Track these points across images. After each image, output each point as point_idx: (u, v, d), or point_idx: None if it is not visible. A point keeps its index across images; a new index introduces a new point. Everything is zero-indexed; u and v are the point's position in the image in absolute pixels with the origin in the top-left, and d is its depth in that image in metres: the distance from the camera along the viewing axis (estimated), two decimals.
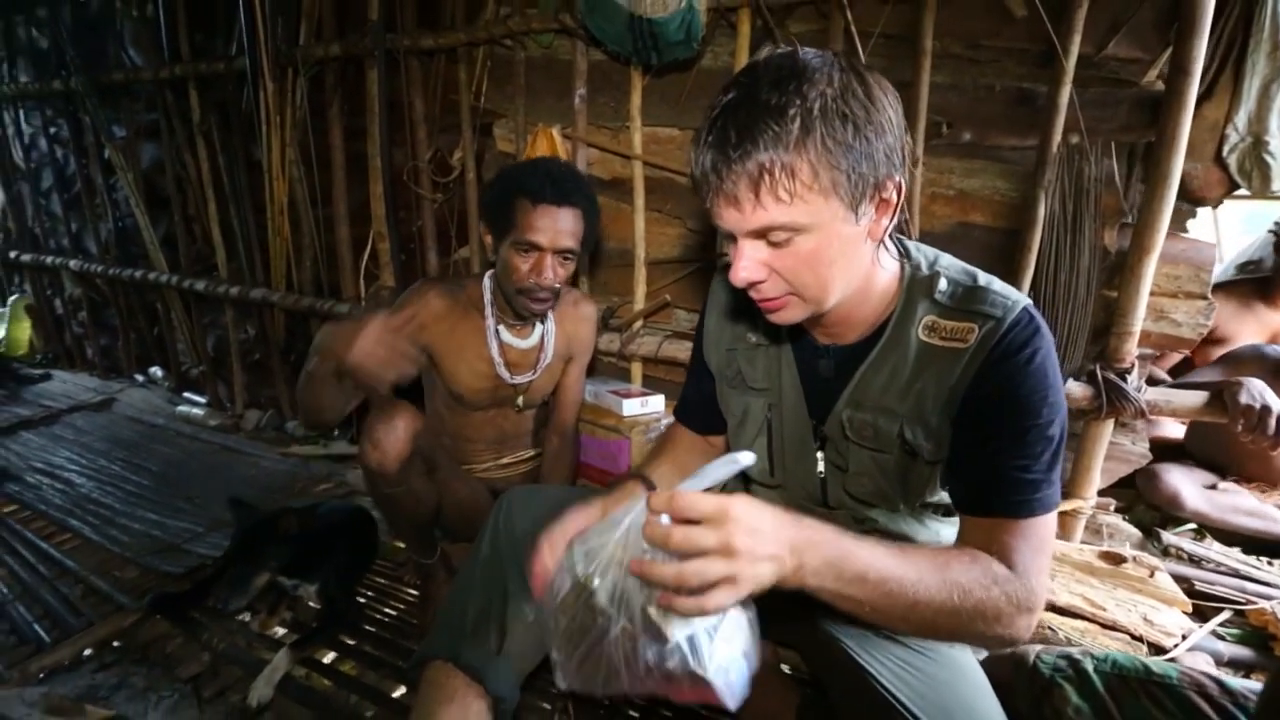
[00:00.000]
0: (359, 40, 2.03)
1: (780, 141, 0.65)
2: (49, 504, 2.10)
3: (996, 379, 0.76)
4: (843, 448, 0.90)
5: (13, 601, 1.63)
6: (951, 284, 0.80)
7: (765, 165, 0.65)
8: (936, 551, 0.73)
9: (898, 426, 0.84)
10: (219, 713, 1.29)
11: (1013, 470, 0.74)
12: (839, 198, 0.68)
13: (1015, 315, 0.76)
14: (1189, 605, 1.32)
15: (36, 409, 2.92)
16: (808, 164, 0.66)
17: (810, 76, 0.66)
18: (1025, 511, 0.74)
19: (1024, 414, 0.74)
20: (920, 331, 0.81)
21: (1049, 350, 0.76)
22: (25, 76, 3.10)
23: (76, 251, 3.29)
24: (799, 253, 0.71)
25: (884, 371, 0.84)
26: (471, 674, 0.93)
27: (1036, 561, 0.73)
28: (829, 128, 0.65)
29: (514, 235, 1.28)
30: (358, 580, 1.63)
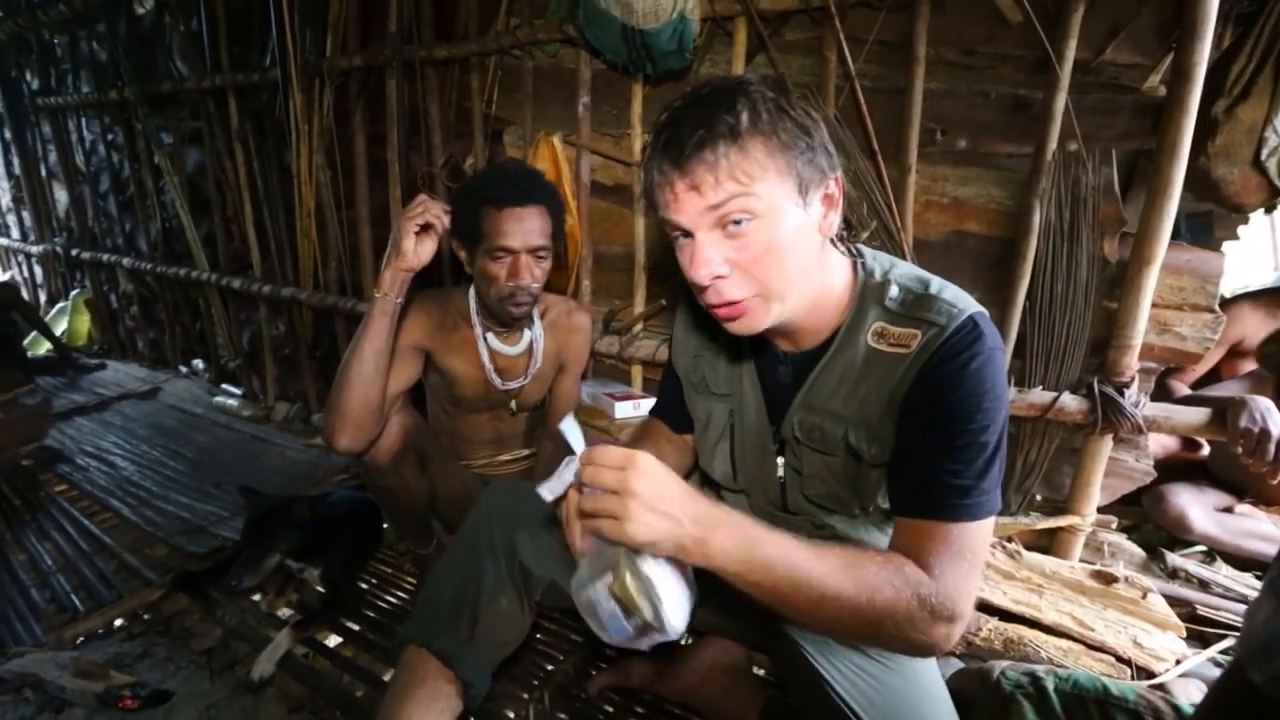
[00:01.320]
0: (380, 51, 2.12)
1: (734, 128, 0.70)
2: (94, 485, 2.26)
3: (932, 383, 0.77)
4: (797, 450, 0.92)
5: (55, 573, 1.77)
6: (902, 291, 0.82)
7: (722, 151, 0.70)
8: (852, 551, 0.73)
9: (842, 430, 0.86)
10: (227, 684, 1.38)
11: (941, 474, 0.75)
12: (791, 181, 0.73)
13: (959, 323, 0.77)
14: (1182, 629, 1.28)
15: (91, 396, 3.14)
16: (760, 146, 0.71)
17: (748, 87, 0.74)
18: (950, 515, 0.74)
19: (956, 418, 0.75)
20: (869, 337, 0.82)
21: (990, 357, 0.76)
22: (87, 87, 3.33)
23: (129, 250, 3.52)
24: (756, 242, 0.74)
25: (834, 376, 0.86)
26: (443, 659, 0.98)
27: (955, 567, 0.72)
28: (775, 119, 0.72)
29: (485, 244, 1.30)
30: (360, 567, 1.72)
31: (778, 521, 1.00)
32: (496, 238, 1.29)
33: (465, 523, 1.09)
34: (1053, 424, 1.46)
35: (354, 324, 2.55)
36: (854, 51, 1.46)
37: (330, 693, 1.32)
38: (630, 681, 1.26)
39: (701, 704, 1.21)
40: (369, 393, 1.24)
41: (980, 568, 0.76)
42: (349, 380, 1.23)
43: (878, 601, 0.69)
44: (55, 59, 3.50)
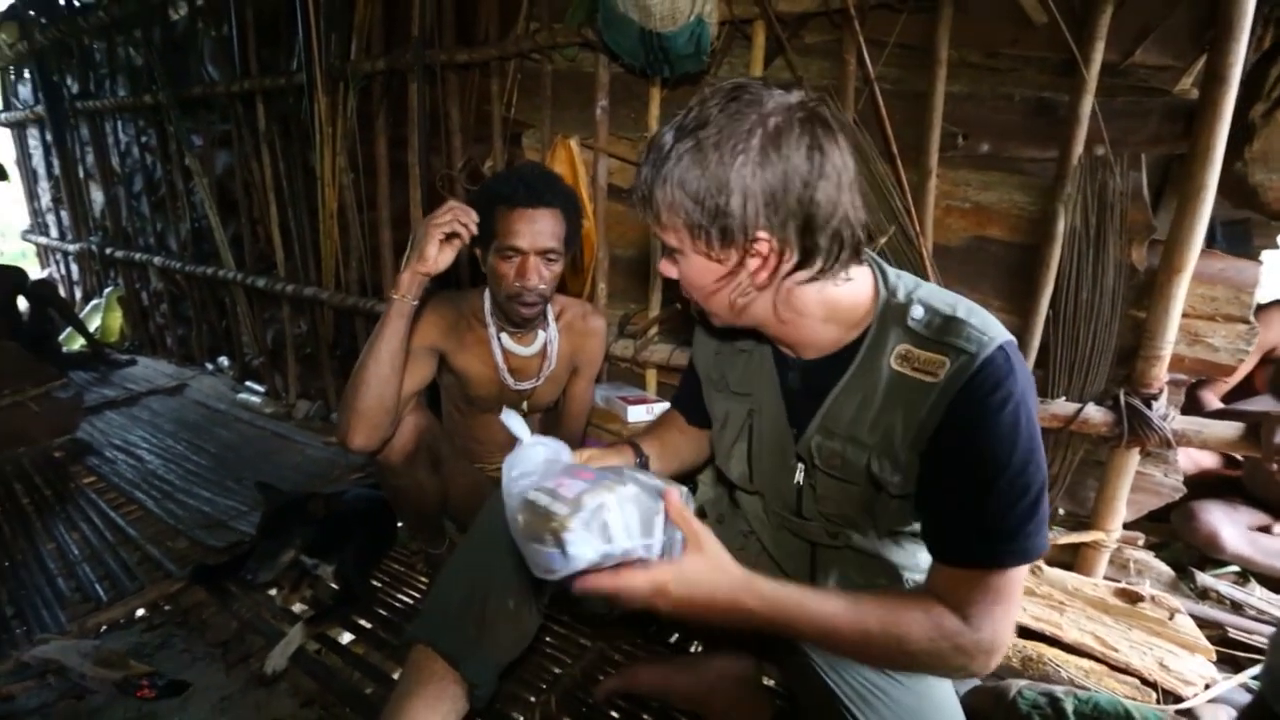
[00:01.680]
0: (402, 55, 2.15)
1: (648, 174, 0.75)
2: (121, 477, 2.32)
3: (965, 421, 0.73)
4: (812, 473, 0.90)
5: (81, 562, 1.82)
6: (928, 312, 0.78)
7: (644, 195, 0.77)
8: (889, 603, 0.74)
9: (865, 458, 0.83)
10: (242, 677, 1.40)
11: (980, 521, 0.72)
12: (690, 237, 0.75)
13: (989, 353, 0.73)
14: (1212, 652, 1.23)
15: (121, 391, 3.22)
16: (663, 204, 0.75)
17: (710, 133, 0.70)
18: (991, 564, 0.72)
19: (992, 463, 0.71)
20: (893, 360, 0.79)
21: (1024, 394, 0.72)
22: (123, 91, 3.43)
23: (160, 249, 3.61)
24: (681, 270, 0.81)
25: (854, 400, 0.83)
26: (450, 659, 0.98)
27: (994, 612, 0.72)
28: (682, 178, 0.72)
29: (496, 242, 1.31)
30: (373, 565, 1.73)
31: (792, 526, 0.99)
32: (506, 237, 1.29)
33: (475, 523, 1.09)
34: (1076, 436, 1.42)
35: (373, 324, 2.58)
36: (874, 54, 1.44)
37: (340, 689, 1.33)
38: (638, 688, 1.25)
39: (709, 712, 1.19)
40: (384, 393, 1.26)
41: (1019, 602, 0.77)
42: (364, 380, 1.24)
43: (917, 654, 0.72)
44: (94, 64, 3.62)
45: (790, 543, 1.02)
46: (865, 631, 0.72)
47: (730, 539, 1.13)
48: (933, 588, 0.77)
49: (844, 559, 0.96)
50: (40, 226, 4.67)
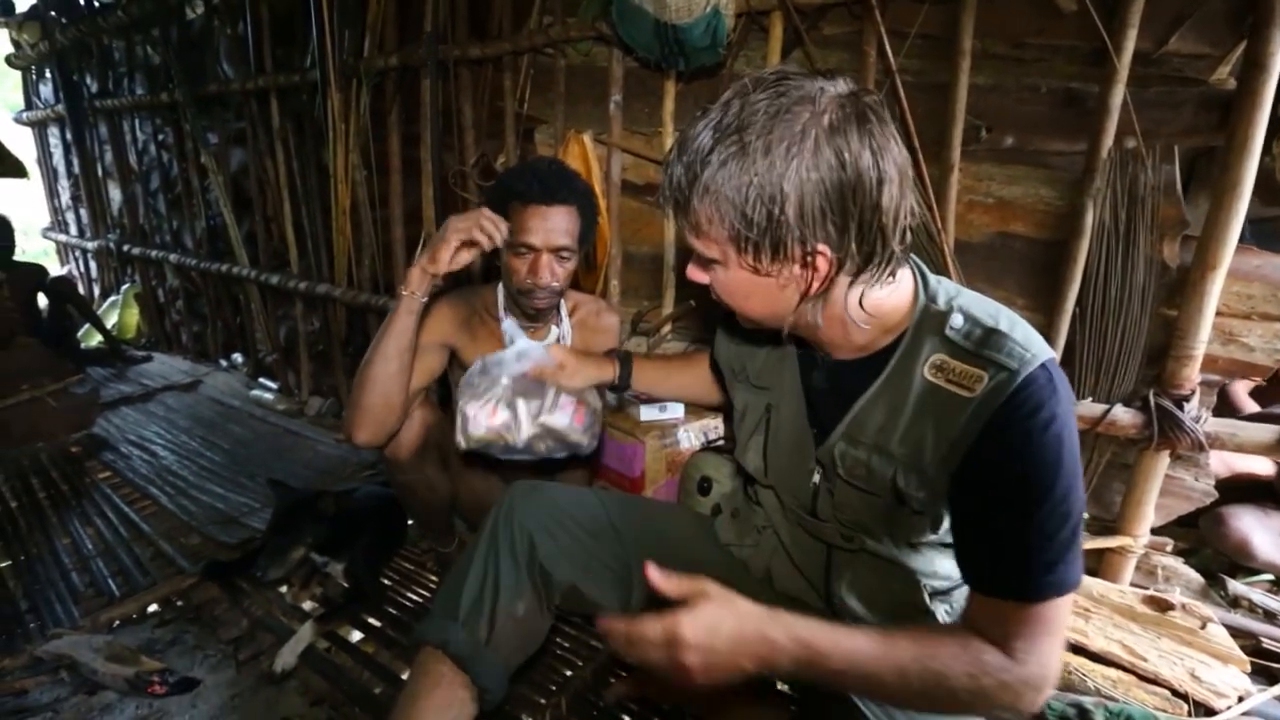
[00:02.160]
0: (415, 51, 2.14)
1: (686, 181, 0.69)
2: (136, 473, 2.34)
3: (1004, 443, 0.69)
4: (831, 477, 0.87)
5: (95, 557, 1.83)
6: (968, 322, 0.74)
7: (676, 200, 0.71)
8: (925, 639, 0.70)
9: (892, 471, 0.79)
10: (252, 674, 1.40)
11: (1021, 551, 0.68)
12: (733, 249, 0.70)
13: (1032, 371, 0.68)
14: (1247, 664, 1.18)
15: (137, 387, 3.26)
16: (702, 213, 0.69)
17: (745, 126, 0.64)
18: (1035, 596, 0.67)
19: (1034, 489, 0.67)
20: (927, 370, 0.75)
21: (1066, 415, 0.69)
22: (141, 90, 3.46)
23: (176, 246, 3.64)
24: (718, 278, 0.76)
25: (883, 408, 0.79)
26: (459, 663, 0.96)
27: (1039, 645, 0.68)
28: (725, 183, 0.66)
29: (512, 240, 1.28)
30: (383, 563, 1.72)
31: (807, 525, 0.97)
32: (520, 233, 1.27)
33: (485, 521, 1.07)
34: (1103, 438, 1.37)
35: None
36: (895, 45, 1.40)
37: (350, 688, 1.32)
38: (648, 692, 1.22)
39: (722, 717, 1.17)
40: (390, 389, 1.24)
41: (1063, 635, 0.72)
42: (371, 377, 1.23)
43: (958, 692, 0.67)
44: (113, 63, 3.65)
45: (806, 541, 1.00)
46: (901, 669, 0.67)
47: (744, 534, 1.10)
48: (972, 620, 0.72)
49: (859, 562, 0.94)
50: (60, 224, 4.73)
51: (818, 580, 1.00)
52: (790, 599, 1.05)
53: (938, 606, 0.91)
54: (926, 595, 0.90)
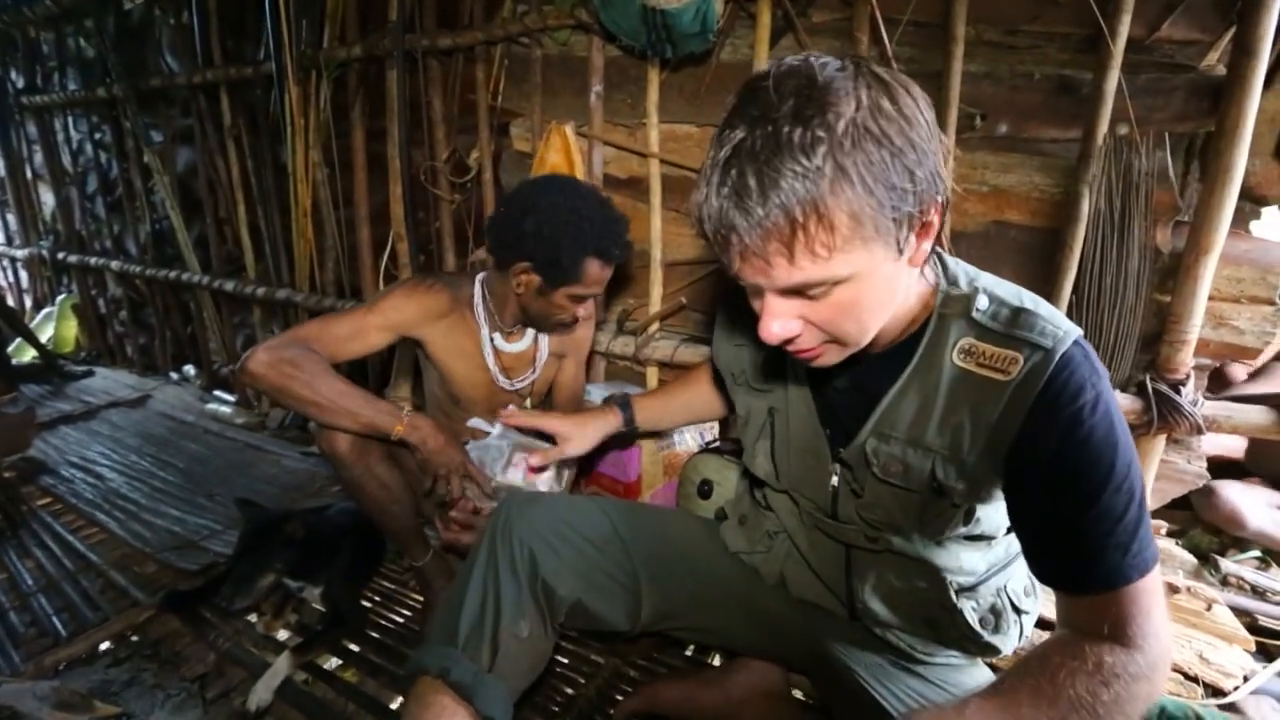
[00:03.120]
0: (379, 41, 2.03)
1: (812, 188, 0.55)
2: (80, 497, 2.15)
3: (1055, 430, 0.66)
4: (862, 476, 0.82)
5: (36, 593, 1.66)
6: (993, 303, 0.71)
7: (798, 220, 0.56)
8: (1037, 673, 0.64)
9: (930, 464, 0.76)
10: (222, 713, 1.28)
11: (1097, 538, 0.65)
12: (881, 240, 0.59)
13: (1067, 349, 0.66)
14: (1251, 643, 1.20)
15: (77, 404, 3.02)
16: (846, 211, 0.56)
17: (834, 99, 0.56)
18: (1123, 580, 0.64)
19: (1095, 473, 0.64)
20: (955, 355, 0.71)
21: (1108, 391, 0.67)
22: (74, 85, 3.23)
23: (118, 252, 3.41)
24: (838, 303, 0.63)
25: (914, 399, 0.75)
26: (461, 692, 0.88)
27: (1150, 624, 0.64)
28: (866, 162, 0.55)
29: (576, 288, 1.28)
30: (363, 584, 1.62)
31: (825, 528, 0.92)
32: (591, 286, 1.29)
33: (482, 537, 1.00)
34: None
35: None
36: (887, 32, 1.38)
37: None
38: (661, 706, 1.17)
39: None
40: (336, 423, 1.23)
41: (1166, 616, 0.67)
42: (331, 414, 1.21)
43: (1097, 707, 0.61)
44: (41, 56, 3.40)
45: (824, 544, 0.96)
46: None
47: (755, 541, 1.06)
48: (1075, 624, 0.68)
49: (882, 562, 0.91)
50: None
51: (837, 584, 0.96)
52: (807, 605, 1.01)
53: (964, 603, 0.89)
54: (953, 593, 0.87)
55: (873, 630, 0.95)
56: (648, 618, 1.06)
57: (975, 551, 0.88)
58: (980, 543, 0.87)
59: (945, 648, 0.93)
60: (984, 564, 0.90)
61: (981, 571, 0.90)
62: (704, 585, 1.08)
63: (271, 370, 1.17)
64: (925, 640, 0.93)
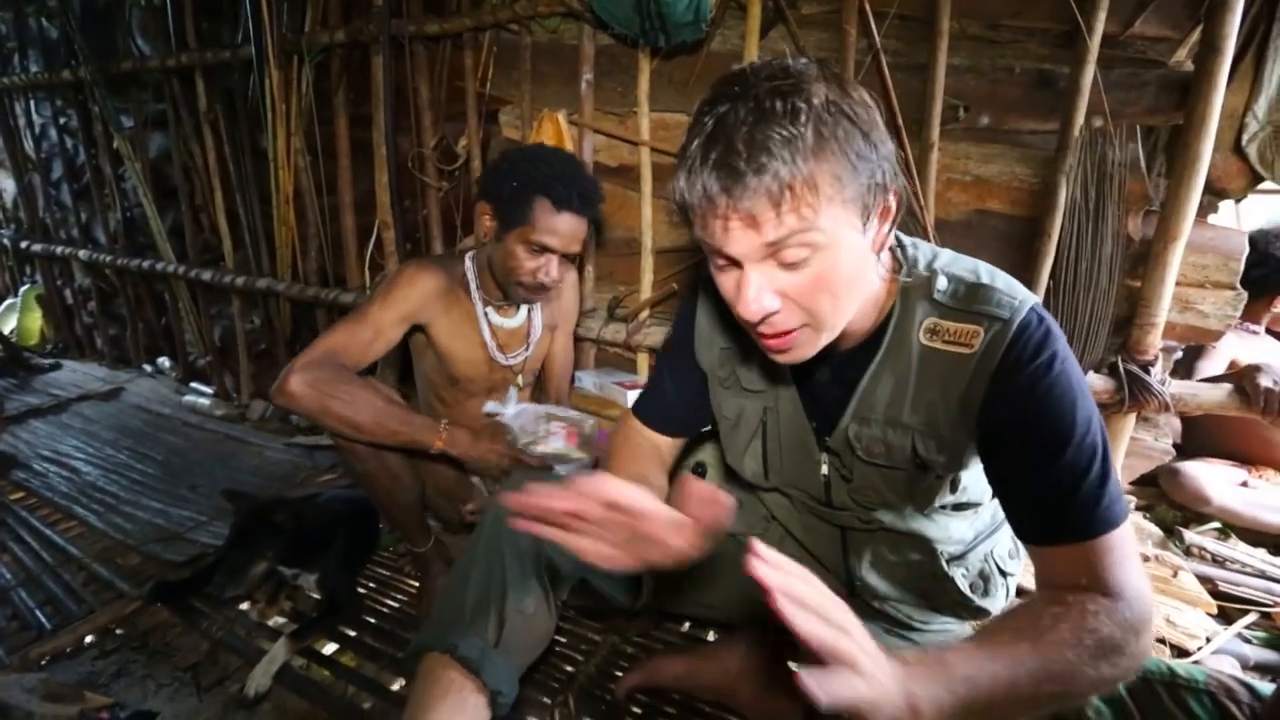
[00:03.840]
0: (364, 26, 2.01)
1: (799, 150, 0.59)
2: (55, 491, 2.10)
3: (1017, 394, 0.70)
4: (849, 461, 0.86)
5: (15, 588, 1.62)
6: (952, 282, 0.75)
7: (785, 179, 0.59)
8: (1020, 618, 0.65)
9: (909, 441, 0.80)
10: (217, 702, 1.28)
11: (1068, 491, 0.68)
12: (855, 208, 0.64)
13: (1024, 316, 0.70)
14: (1213, 606, 1.28)
15: (45, 398, 2.93)
16: (827, 172, 0.61)
17: (806, 83, 0.62)
18: (1096, 530, 0.67)
19: (1058, 427, 0.68)
20: (922, 335, 0.76)
21: (1065, 351, 0.70)
22: (36, 67, 3.10)
23: (86, 241, 3.30)
24: (814, 274, 0.66)
25: (888, 383, 0.79)
26: (468, 666, 0.91)
27: (1127, 575, 0.66)
28: (843, 132, 0.61)
29: (527, 233, 1.26)
30: (358, 570, 1.62)
31: (821, 514, 0.96)
32: (543, 234, 1.25)
33: (484, 518, 1.02)
34: None
35: (336, 315, 2.43)
36: (875, 25, 1.42)
37: (335, 705, 1.23)
38: (660, 681, 1.20)
39: (737, 701, 1.16)
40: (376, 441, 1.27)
41: (1139, 563, 0.69)
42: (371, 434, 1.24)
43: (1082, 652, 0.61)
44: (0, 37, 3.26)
45: (819, 528, 1.00)
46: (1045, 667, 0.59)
47: (752, 523, 1.09)
48: (1054, 581, 0.70)
49: (876, 539, 0.95)
50: None
51: (835, 563, 1.00)
52: None
53: (955, 571, 0.93)
54: (944, 562, 0.92)
55: (870, 604, 0.98)
56: (648, 594, 1.09)
57: (963, 521, 0.93)
58: (967, 511, 0.92)
59: (939, 614, 0.98)
60: (971, 532, 0.95)
61: (970, 539, 0.95)
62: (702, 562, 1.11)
63: (311, 391, 1.16)
64: (921, 609, 0.98)
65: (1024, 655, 0.59)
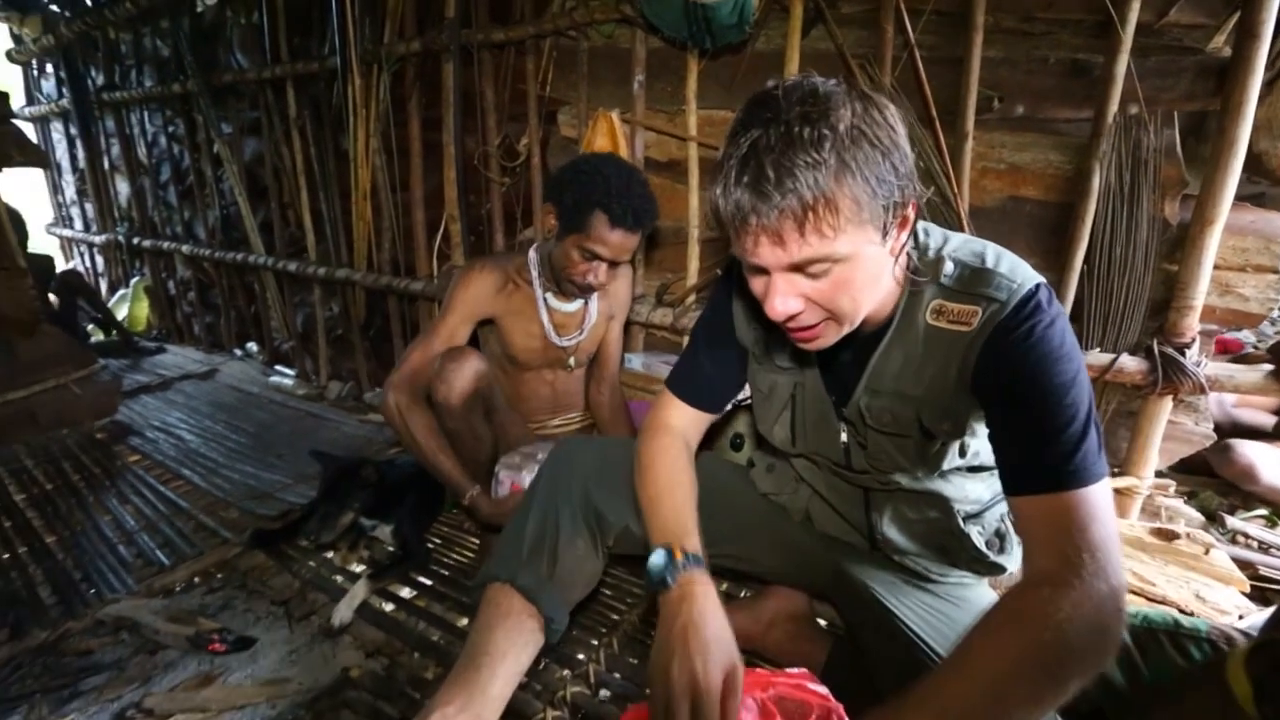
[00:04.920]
0: (437, 36, 2.20)
1: (821, 176, 0.65)
2: (165, 455, 2.38)
3: (1000, 359, 0.76)
4: (862, 430, 0.94)
5: (139, 532, 1.88)
6: (958, 266, 0.81)
7: (809, 202, 0.66)
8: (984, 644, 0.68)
9: (913, 411, 0.87)
10: (306, 632, 1.46)
11: (1041, 442, 0.73)
12: (874, 225, 0.70)
13: (1020, 297, 0.76)
14: (1246, 584, 1.29)
15: (153, 377, 3.28)
16: (848, 196, 0.67)
17: (833, 106, 0.67)
18: (1064, 484, 0.71)
19: (1034, 389, 0.74)
20: (928, 315, 0.82)
21: (1052, 321, 0.75)
22: (149, 81, 3.48)
23: (188, 237, 3.67)
24: (835, 280, 0.73)
25: (897, 357, 0.87)
26: (527, 595, 1.02)
27: (1094, 534, 0.68)
28: (864, 156, 0.67)
29: (582, 240, 1.39)
30: (427, 525, 1.79)
31: (844, 478, 1.04)
32: (597, 244, 1.38)
33: (542, 471, 1.14)
34: (1110, 386, 1.47)
35: (405, 303, 2.65)
36: (911, 22, 1.49)
37: (407, 636, 1.39)
38: None
39: (766, 650, 1.25)
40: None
41: (1115, 532, 0.70)
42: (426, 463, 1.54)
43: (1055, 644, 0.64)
44: (119, 56, 3.66)
45: (844, 488, 1.07)
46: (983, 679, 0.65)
47: (782, 485, 1.18)
48: (1024, 532, 0.76)
49: (895, 498, 1.01)
50: (64, 219, 4.72)
51: (858, 520, 1.08)
52: (830, 537, 1.14)
53: (971, 529, 1.00)
54: (960, 520, 0.98)
55: (890, 557, 1.06)
56: None
57: (979, 482, 0.99)
58: (982, 473, 0.98)
59: (956, 568, 1.05)
60: (988, 492, 1.01)
61: (986, 499, 1.01)
62: (737, 518, 1.20)
63: (395, 417, 1.50)
64: (939, 563, 1.04)
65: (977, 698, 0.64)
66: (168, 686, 1.29)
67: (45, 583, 1.64)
